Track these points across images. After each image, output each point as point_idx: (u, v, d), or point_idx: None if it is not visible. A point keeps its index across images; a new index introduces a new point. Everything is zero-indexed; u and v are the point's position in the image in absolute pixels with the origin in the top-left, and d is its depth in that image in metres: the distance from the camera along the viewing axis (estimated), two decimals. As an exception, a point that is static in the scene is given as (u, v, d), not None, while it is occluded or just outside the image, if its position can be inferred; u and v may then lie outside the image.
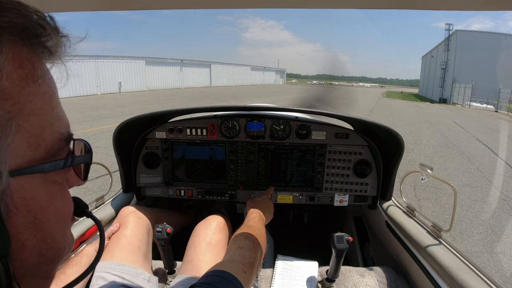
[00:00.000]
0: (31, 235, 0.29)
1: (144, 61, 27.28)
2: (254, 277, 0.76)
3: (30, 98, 0.28)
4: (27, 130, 0.28)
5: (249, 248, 0.79)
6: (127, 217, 1.17)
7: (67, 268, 0.92)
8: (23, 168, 0.28)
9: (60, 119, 0.32)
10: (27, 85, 0.28)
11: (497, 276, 2.55)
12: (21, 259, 0.29)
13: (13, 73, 0.26)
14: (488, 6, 0.52)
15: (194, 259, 1.07)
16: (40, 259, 0.31)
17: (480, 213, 3.76)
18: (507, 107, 19.54)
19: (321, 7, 0.60)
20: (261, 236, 0.90)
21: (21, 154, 0.28)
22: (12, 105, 0.26)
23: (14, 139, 0.27)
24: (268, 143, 1.41)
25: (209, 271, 0.62)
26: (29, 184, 0.29)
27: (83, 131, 7.53)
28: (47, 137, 0.30)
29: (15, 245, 0.27)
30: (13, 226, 0.27)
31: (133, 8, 0.63)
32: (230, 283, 0.58)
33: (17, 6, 0.28)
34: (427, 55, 48.16)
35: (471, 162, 6.12)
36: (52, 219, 0.32)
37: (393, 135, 1.24)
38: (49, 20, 0.30)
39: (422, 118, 13.81)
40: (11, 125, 0.26)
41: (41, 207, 0.30)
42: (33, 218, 0.29)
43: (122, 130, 1.30)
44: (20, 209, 0.28)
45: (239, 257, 0.74)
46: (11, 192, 0.27)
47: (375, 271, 1.18)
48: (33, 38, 0.29)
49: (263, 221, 1.07)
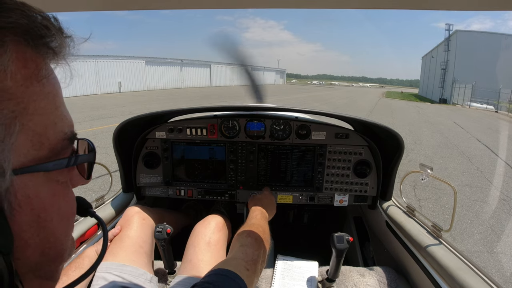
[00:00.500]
0: (34, 233, 0.30)
1: (144, 61, 27.29)
2: (259, 274, 0.74)
3: (34, 97, 0.28)
4: (30, 129, 0.28)
5: (252, 245, 0.78)
6: (131, 218, 1.17)
7: (69, 271, 0.92)
8: (27, 166, 0.28)
9: (64, 119, 0.33)
10: (31, 85, 0.28)
11: (497, 276, 2.55)
12: (24, 257, 0.29)
13: (17, 73, 0.27)
14: (488, 6, 0.52)
15: (193, 258, 1.07)
16: (43, 258, 0.31)
17: (480, 213, 3.76)
18: (507, 107, 19.54)
19: (321, 7, 0.60)
20: (264, 233, 0.89)
21: (25, 153, 0.28)
22: (16, 104, 0.27)
23: (18, 138, 0.27)
24: (268, 143, 1.41)
25: (212, 270, 0.61)
26: (32, 182, 0.29)
27: (83, 130, 7.52)
28: (50, 136, 0.30)
29: (18, 243, 0.28)
30: (16, 224, 0.27)
31: (133, 8, 0.63)
32: (232, 281, 0.57)
33: (21, 7, 0.28)
34: (427, 55, 48.20)
35: (471, 162, 6.12)
36: (56, 218, 0.32)
37: (393, 135, 1.24)
38: (53, 21, 0.31)
39: (422, 118, 13.81)
40: (15, 124, 0.26)
41: (44, 206, 0.30)
42: (37, 216, 0.30)
43: (122, 130, 1.30)
44: (24, 207, 0.28)
45: (242, 254, 0.73)
46: (15, 190, 0.27)
47: (376, 271, 1.18)
48: (37, 39, 0.29)
49: (266, 218, 1.06)
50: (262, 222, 0.98)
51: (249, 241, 0.80)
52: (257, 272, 0.72)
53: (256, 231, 0.86)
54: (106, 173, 1.37)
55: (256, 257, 0.73)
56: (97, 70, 22.23)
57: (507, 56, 30.51)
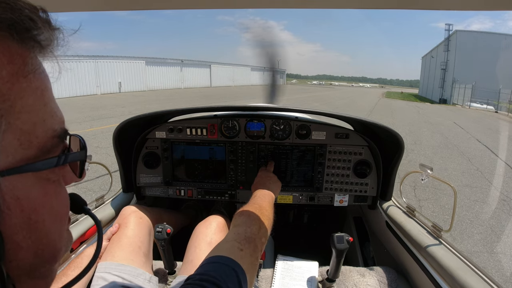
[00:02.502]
0: (26, 236, 0.28)
1: (144, 61, 27.28)
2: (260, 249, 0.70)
3: (21, 94, 0.27)
4: (18, 128, 0.27)
5: (244, 223, 0.74)
6: (128, 217, 1.16)
7: (68, 270, 0.92)
8: (16, 167, 0.27)
9: (53, 115, 0.31)
10: (17, 81, 0.27)
11: (497, 276, 2.55)
12: (17, 260, 0.28)
13: (2, 70, 0.26)
14: (488, 6, 0.52)
15: (194, 259, 1.07)
16: (37, 259, 0.30)
17: (480, 213, 3.76)
18: (507, 107, 19.55)
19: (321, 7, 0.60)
20: (261, 208, 0.85)
21: (13, 152, 0.27)
22: (2, 102, 0.25)
23: (5, 137, 0.26)
24: (268, 143, 1.41)
25: (205, 259, 0.59)
26: (21, 183, 0.28)
27: (83, 131, 7.52)
28: (40, 134, 0.29)
29: (10, 246, 0.27)
30: (6, 227, 0.27)
31: (133, 8, 0.63)
32: (225, 266, 0.55)
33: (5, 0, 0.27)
34: (427, 56, 48.22)
35: (471, 163, 6.12)
36: (48, 219, 0.31)
37: (393, 135, 1.24)
38: (41, 13, 0.29)
39: (422, 119, 13.81)
40: (0, 123, 0.25)
41: (35, 207, 0.29)
42: (27, 218, 0.28)
43: (122, 130, 1.30)
44: (13, 210, 0.27)
45: (234, 235, 0.70)
46: (3, 193, 0.26)
47: (376, 271, 1.18)
48: (23, 32, 0.27)
49: (266, 197, 1.01)
50: (259, 200, 0.95)
51: (241, 220, 0.76)
52: (256, 249, 0.68)
53: (249, 209, 0.82)
54: (106, 173, 1.37)
55: (249, 234, 0.70)
56: (97, 70, 22.22)
57: (507, 56, 30.53)
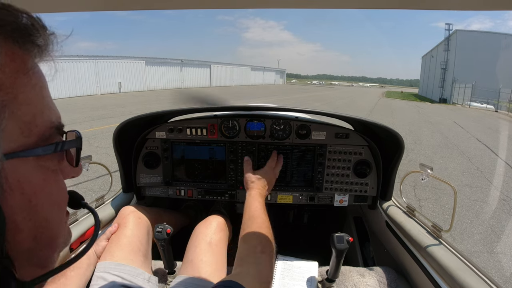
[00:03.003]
0: (26, 217, 0.31)
1: (144, 61, 27.25)
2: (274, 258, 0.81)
3: (22, 89, 0.30)
4: (19, 118, 0.30)
5: (266, 263, 0.77)
6: (127, 217, 1.16)
7: (67, 270, 0.91)
8: (18, 151, 0.30)
9: (50, 109, 0.35)
10: (19, 77, 0.30)
11: (497, 276, 2.55)
12: (16, 241, 0.30)
13: (5, 67, 0.29)
14: (488, 6, 0.52)
15: (194, 259, 1.07)
16: (35, 243, 0.32)
17: (480, 213, 3.76)
18: (507, 107, 19.52)
19: (321, 7, 0.60)
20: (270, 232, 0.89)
21: (15, 139, 0.30)
22: (5, 94, 0.28)
23: (8, 124, 0.29)
24: (268, 143, 1.41)
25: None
26: (22, 168, 0.30)
27: (83, 131, 7.52)
28: (39, 123, 0.32)
29: (10, 226, 0.29)
30: (8, 207, 0.29)
31: (133, 8, 0.63)
32: None
33: (6, 7, 0.30)
34: (427, 55, 48.18)
35: (471, 162, 6.12)
36: (47, 204, 0.33)
37: (393, 135, 1.24)
38: (37, 20, 0.33)
39: (422, 118, 13.80)
40: (4, 112, 0.28)
41: (35, 191, 0.32)
42: (28, 201, 0.31)
43: (122, 130, 1.30)
44: (15, 191, 0.29)
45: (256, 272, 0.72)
46: (6, 174, 0.29)
47: (375, 271, 1.18)
48: (24, 36, 0.31)
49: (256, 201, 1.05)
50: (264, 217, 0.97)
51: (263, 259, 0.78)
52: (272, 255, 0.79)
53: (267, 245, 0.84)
54: (106, 173, 1.37)
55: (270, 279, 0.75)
56: (97, 70, 22.19)
57: (507, 56, 30.49)
